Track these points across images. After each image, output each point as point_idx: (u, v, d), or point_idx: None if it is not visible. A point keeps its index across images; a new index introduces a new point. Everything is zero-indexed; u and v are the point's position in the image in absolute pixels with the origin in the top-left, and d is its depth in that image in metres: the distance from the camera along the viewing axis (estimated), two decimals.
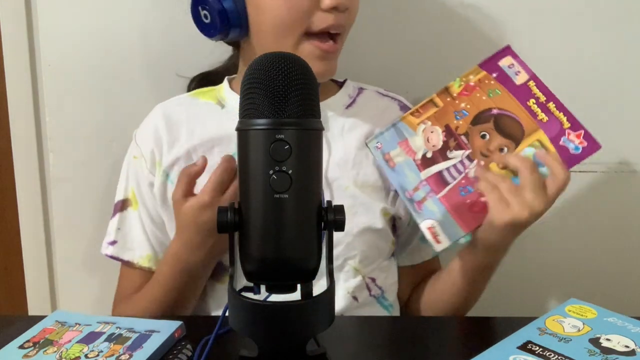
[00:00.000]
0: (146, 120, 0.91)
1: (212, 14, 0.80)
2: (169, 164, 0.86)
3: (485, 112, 0.76)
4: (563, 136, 0.71)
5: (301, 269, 0.54)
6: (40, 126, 1.11)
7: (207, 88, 0.93)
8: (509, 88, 0.75)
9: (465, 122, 0.76)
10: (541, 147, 0.71)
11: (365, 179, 0.86)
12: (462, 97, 0.78)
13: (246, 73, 0.53)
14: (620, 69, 1.06)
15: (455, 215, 0.76)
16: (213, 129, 0.86)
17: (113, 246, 0.89)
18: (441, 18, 1.05)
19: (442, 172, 0.78)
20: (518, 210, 0.71)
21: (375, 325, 0.79)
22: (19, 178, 1.14)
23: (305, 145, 0.52)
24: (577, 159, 0.71)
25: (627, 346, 0.59)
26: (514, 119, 0.74)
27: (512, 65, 0.76)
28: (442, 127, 0.78)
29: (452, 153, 0.77)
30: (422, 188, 0.79)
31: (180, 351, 0.65)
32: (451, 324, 0.77)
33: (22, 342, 0.65)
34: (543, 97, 0.73)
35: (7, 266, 1.21)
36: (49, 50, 1.07)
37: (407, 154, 0.81)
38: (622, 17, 1.04)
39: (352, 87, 0.93)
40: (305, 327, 0.55)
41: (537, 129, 0.72)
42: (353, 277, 0.84)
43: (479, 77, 0.78)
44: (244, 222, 0.53)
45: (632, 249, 1.12)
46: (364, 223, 0.84)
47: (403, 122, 0.83)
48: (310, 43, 0.80)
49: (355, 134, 0.87)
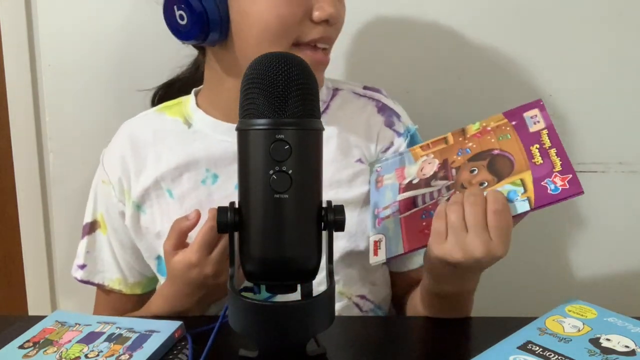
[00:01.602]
0: (113, 142, 0.88)
1: (191, 15, 0.74)
2: (138, 195, 0.83)
3: (486, 151, 0.74)
4: (548, 178, 0.68)
5: (301, 269, 0.54)
6: (40, 126, 1.11)
7: (174, 101, 0.89)
8: (520, 134, 0.73)
9: (464, 159, 0.76)
10: (521, 185, 0.68)
11: (345, 197, 0.81)
12: (473, 138, 0.77)
13: (246, 73, 0.53)
14: (620, 68, 1.06)
15: (404, 235, 0.73)
16: (180, 153, 0.82)
17: (83, 270, 0.88)
18: (441, 18, 1.05)
19: (416, 197, 0.76)
20: (450, 248, 0.64)
21: (375, 325, 0.79)
22: (19, 178, 1.14)
23: (305, 145, 0.52)
24: (552, 199, 0.65)
25: (627, 346, 0.59)
26: (508, 159, 0.72)
27: (535, 117, 0.75)
28: (440, 161, 0.78)
29: (435, 182, 0.75)
30: (391, 207, 0.77)
31: (181, 351, 0.65)
32: (451, 324, 0.77)
33: (22, 342, 0.65)
34: (549, 143, 0.71)
35: (7, 266, 1.21)
36: (49, 50, 1.07)
37: (397, 179, 0.80)
38: (622, 17, 1.04)
39: (325, 89, 0.87)
40: (305, 327, 0.55)
41: (527, 170, 0.69)
42: (338, 300, 0.81)
43: (499, 123, 0.76)
44: (244, 222, 0.53)
45: (632, 249, 1.12)
46: (345, 247, 0.80)
47: (410, 153, 0.82)
48: (302, 53, 0.75)
49: (331, 146, 0.82)
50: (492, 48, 1.06)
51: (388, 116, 0.87)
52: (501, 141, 0.74)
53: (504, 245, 0.63)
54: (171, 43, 1.05)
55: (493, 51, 1.06)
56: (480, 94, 1.07)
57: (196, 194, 0.81)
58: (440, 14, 1.05)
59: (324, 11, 0.74)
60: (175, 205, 0.82)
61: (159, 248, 0.83)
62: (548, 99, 1.07)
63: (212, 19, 0.74)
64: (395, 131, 0.86)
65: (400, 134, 0.86)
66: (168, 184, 0.82)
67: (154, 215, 0.83)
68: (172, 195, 0.82)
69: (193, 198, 0.81)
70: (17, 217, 1.16)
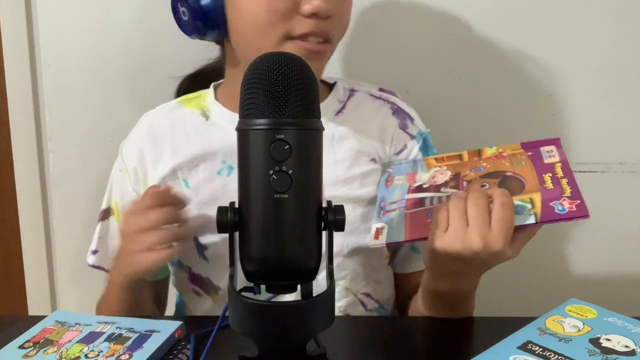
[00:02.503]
0: (132, 133, 0.89)
1: (190, 12, 0.78)
2: (155, 183, 0.84)
3: (499, 172, 0.75)
4: (557, 200, 0.69)
5: (301, 269, 0.54)
6: (40, 126, 1.11)
7: (193, 94, 0.90)
8: (534, 163, 0.75)
9: (476, 175, 0.77)
10: (530, 202, 0.69)
11: (357, 193, 0.82)
12: (488, 160, 0.78)
13: (246, 73, 0.53)
14: (621, 68, 1.06)
15: (407, 225, 0.74)
16: (198, 144, 0.84)
17: (95, 255, 0.89)
18: (441, 18, 1.05)
19: (424, 199, 0.77)
20: (449, 239, 0.64)
21: (375, 325, 0.79)
22: (19, 178, 1.14)
23: (306, 145, 0.52)
24: (558, 217, 0.66)
25: (627, 346, 0.59)
26: (520, 181, 0.73)
27: (551, 152, 0.76)
28: (452, 173, 0.79)
29: (445, 189, 0.77)
30: (398, 203, 0.78)
31: (180, 351, 0.65)
32: (451, 324, 0.77)
33: (22, 342, 0.65)
34: (561, 173, 0.72)
35: (7, 266, 1.21)
36: (49, 50, 1.07)
37: (407, 181, 0.81)
38: (623, 17, 1.04)
39: (342, 90, 0.89)
40: (305, 327, 0.55)
41: (537, 191, 0.71)
42: (345, 296, 0.83)
43: (515, 152, 0.78)
44: (244, 222, 0.53)
45: (632, 249, 1.12)
46: (355, 243, 0.81)
47: (423, 161, 0.83)
48: (293, 43, 0.76)
49: (346, 145, 0.84)
50: (492, 48, 1.06)
51: (402, 119, 0.88)
52: (515, 166, 0.75)
53: (503, 239, 0.63)
54: (171, 42, 1.05)
55: (493, 51, 1.06)
56: (480, 94, 1.07)
57: (211, 184, 0.82)
58: (440, 13, 1.05)
59: (312, 4, 0.73)
60: (191, 195, 0.82)
61: None
62: (548, 99, 1.07)
63: (208, 15, 0.77)
64: (408, 134, 0.87)
65: (414, 136, 0.87)
66: (184, 174, 0.83)
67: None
68: (188, 185, 0.83)
69: (208, 188, 0.82)
70: (17, 217, 1.16)
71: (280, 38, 0.75)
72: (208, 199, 0.82)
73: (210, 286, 0.83)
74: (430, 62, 1.07)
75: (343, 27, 0.80)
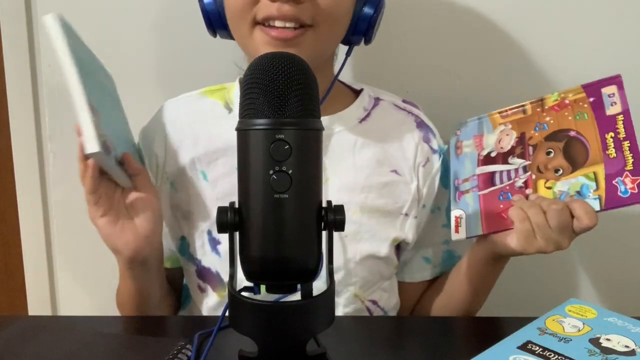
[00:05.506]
0: (152, 120, 0.89)
1: (201, 10, 0.81)
2: (173, 172, 0.85)
3: (564, 131, 0.76)
4: (619, 176, 0.70)
5: (301, 269, 0.54)
6: (40, 126, 1.11)
7: (217, 86, 0.90)
8: (597, 115, 0.75)
9: (541, 135, 0.77)
10: (594, 179, 0.70)
11: (374, 203, 0.82)
12: (551, 111, 0.78)
13: (246, 73, 0.53)
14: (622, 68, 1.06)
15: (483, 215, 0.77)
16: (219, 138, 0.83)
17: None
18: (441, 18, 1.05)
19: (494, 173, 0.79)
20: (543, 244, 0.72)
21: (375, 325, 0.79)
22: (19, 178, 1.14)
23: (305, 145, 0.52)
24: (622, 202, 0.69)
25: (627, 346, 0.59)
26: (584, 145, 0.73)
27: (613, 95, 0.75)
28: (517, 134, 0.79)
29: (512, 159, 0.78)
30: (471, 181, 0.81)
31: (180, 351, 0.65)
32: (451, 324, 0.77)
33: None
34: (623, 133, 0.72)
35: (7, 266, 1.21)
36: (49, 50, 1.07)
37: (475, 148, 0.83)
38: (625, 14, 1.04)
39: (367, 97, 0.89)
40: (305, 327, 0.55)
41: (600, 162, 0.71)
42: (353, 303, 0.83)
43: (577, 97, 0.77)
44: (243, 222, 0.53)
45: (632, 249, 1.12)
46: (367, 250, 0.81)
47: (488, 118, 0.83)
48: (259, 29, 0.75)
49: (367, 153, 0.84)
50: (493, 48, 1.06)
51: (426, 132, 0.88)
52: (578, 121, 0.75)
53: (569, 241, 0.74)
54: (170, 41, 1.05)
55: (493, 51, 1.06)
56: (480, 94, 1.07)
57: (230, 179, 0.82)
58: (441, 14, 1.05)
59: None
60: (208, 188, 0.82)
61: (184, 227, 0.85)
62: None
63: (210, 13, 0.80)
64: (431, 148, 0.88)
65: (436, 151, 0.88)
66: (203, 166, 0.83)
67: (185, 195, 0.84)
68: (207, 177, 0.83)
69: (226, 183, 0.82)
70: (17, 217, 1.15)
71: (250, 24, 0.76)
72: (225, 193, 0.81)
73: (219, 281, 0.83)
74: (430, 62, 1.07)
75: (326, 9, 0.74)
